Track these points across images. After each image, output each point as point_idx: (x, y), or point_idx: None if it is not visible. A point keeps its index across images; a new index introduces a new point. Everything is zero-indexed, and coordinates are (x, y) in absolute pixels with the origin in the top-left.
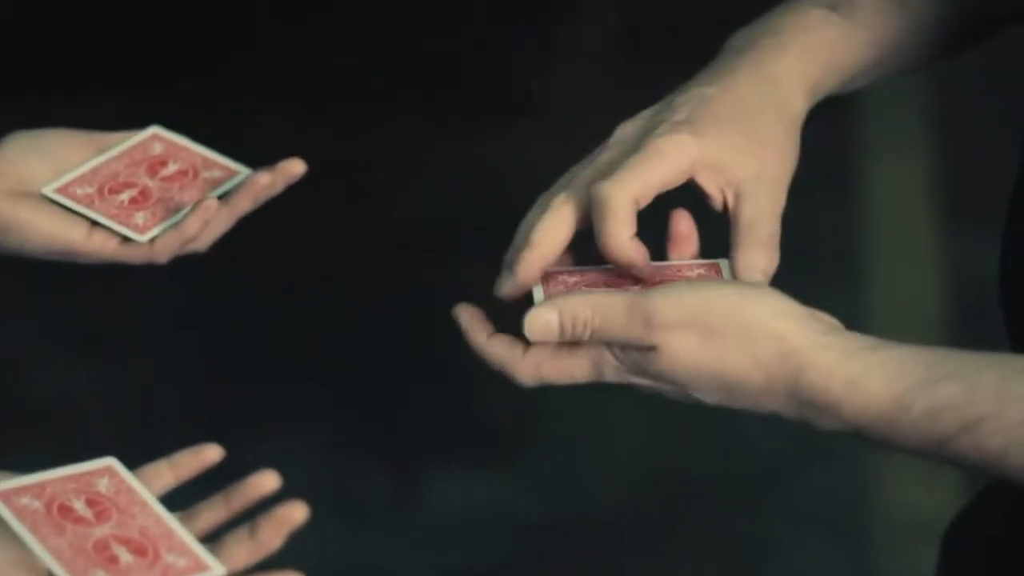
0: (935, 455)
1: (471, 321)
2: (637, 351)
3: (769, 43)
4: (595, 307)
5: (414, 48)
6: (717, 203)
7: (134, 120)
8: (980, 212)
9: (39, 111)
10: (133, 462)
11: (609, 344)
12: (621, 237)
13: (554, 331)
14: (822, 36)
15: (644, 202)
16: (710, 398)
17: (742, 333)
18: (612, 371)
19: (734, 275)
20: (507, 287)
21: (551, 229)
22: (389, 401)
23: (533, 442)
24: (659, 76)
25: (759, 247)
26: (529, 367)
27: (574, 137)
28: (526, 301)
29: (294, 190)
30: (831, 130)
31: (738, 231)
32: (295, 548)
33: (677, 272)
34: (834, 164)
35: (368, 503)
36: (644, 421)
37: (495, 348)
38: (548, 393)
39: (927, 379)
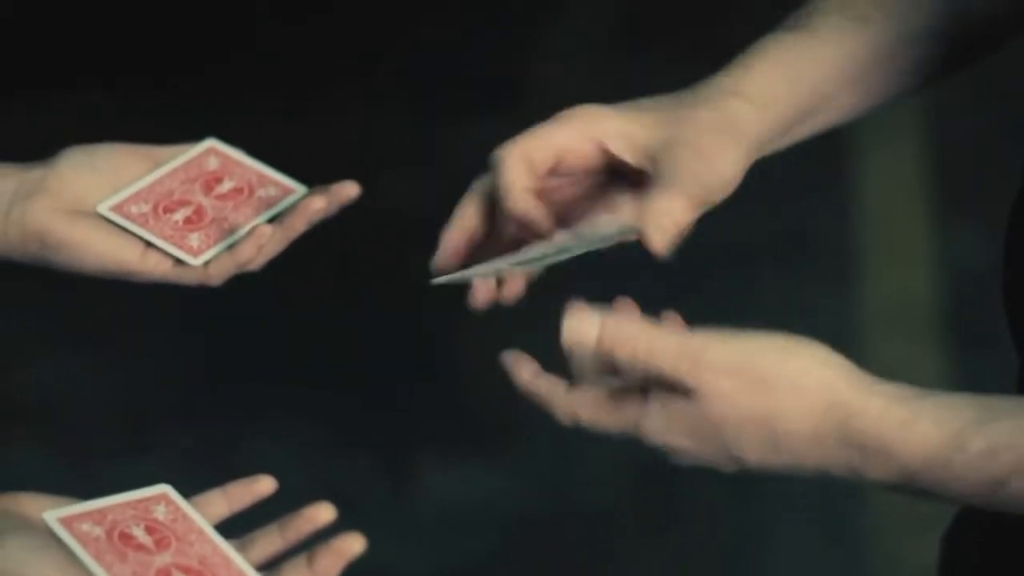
0: (988, 498)
1: (517, 361)
2: (683, 398)
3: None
4: (646, 335)
5: (407, 39)
6: (632, 167)
7: (136, 117)
8: (975, 207)
9: (38, 106)
10: (130, 459)
11: (651, 391)
12: (513, 189)
13: (591, 341)
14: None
15: (543, 163)
16: (754, 452)
17: (791, 382)
18: (653, 426)
19: (644, 220)
20: (437, 259)
21: (467, 207)
22: (381, 395)
23: (526, 435)
24: (651, 66)
25: (676, 196)
26: (567, 408)
27: None
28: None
29: (293, 178)
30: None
31: (654, 182)
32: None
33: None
34: (828, 159)
35: (360, 496)
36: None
37: (537, 386)
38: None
39: (981, 419)
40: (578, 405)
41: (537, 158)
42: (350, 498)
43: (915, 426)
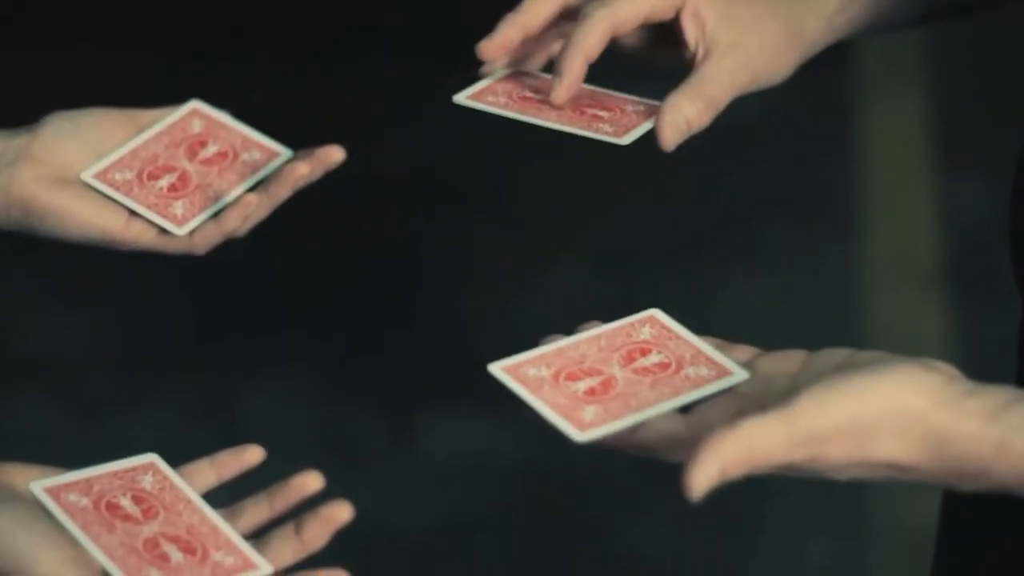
0: None
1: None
2: None
3: None
4: (750, 445)
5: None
6: (688, 51)
7: (124, 74)
8: (977, 159)
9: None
10: (127, 413)
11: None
12: (577, 52)
13: (718, 480)
14: None
15: (624, 33)
16: (845, 476)
17: (890, 424)
18: None
19: (661, 112)
20: (486, 43)
21: (539, 4)
22: (381, 348)
23: None
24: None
25: (697, 97)
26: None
27: None
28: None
29: (283, 142)
30: (829, 79)
31: (688, 79)
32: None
33: (614, 103)
34: (833, 113)
35: (360, 450)
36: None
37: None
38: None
39: None
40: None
41: (622, 30)
42: (350, 451)
43: (1011, 446)
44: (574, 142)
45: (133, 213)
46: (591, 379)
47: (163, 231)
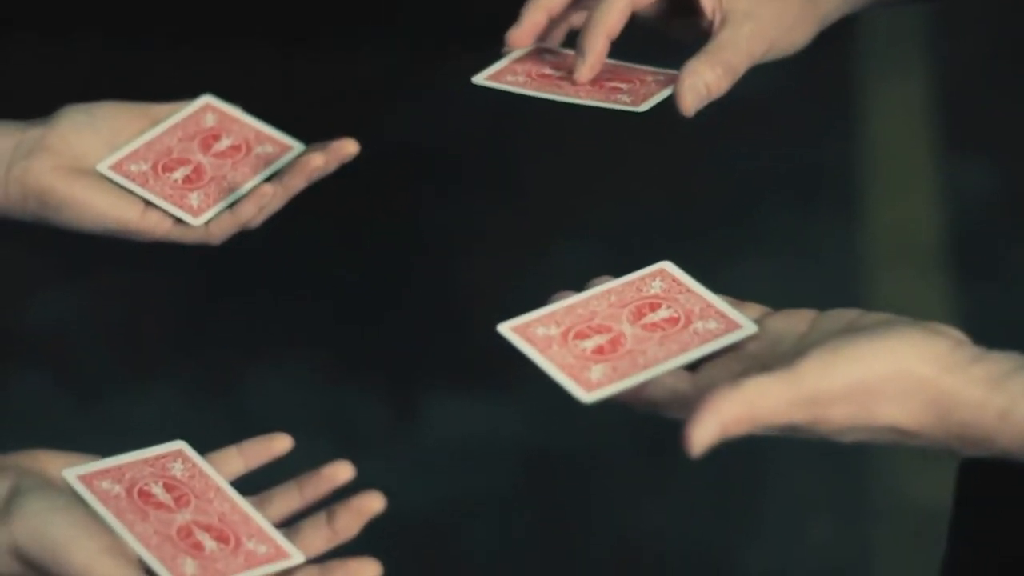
0: None
1: None
2: None
3: None
4: (753, 404)
5: None
6: (704, 20)
7: (130, 63)
8: (980, 139)
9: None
10: (134, 394)
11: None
12: (598, 30)
13: (719, 437)
14: None
15: (644, 2)
16: (847, 440)
17: (894, 388)
18: None
19: (680, 79)
20: (514, 31)
21: None
22: (388, 327)
23: (534, 369)
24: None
25: (715, 63)
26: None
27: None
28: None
29: (281, 119)
30: (832, 59)
31: (705, 46)
32: (295, 475)
33: (633, 74)
34: (835, 93)
35: (365, 430)
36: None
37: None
38: None
39: None
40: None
41: (641, 4)
42: (353, 432)
43: (1015, 414)
44: (581, 121)
45: (149, 204)
46: (600, 336)
47: (179, 221)
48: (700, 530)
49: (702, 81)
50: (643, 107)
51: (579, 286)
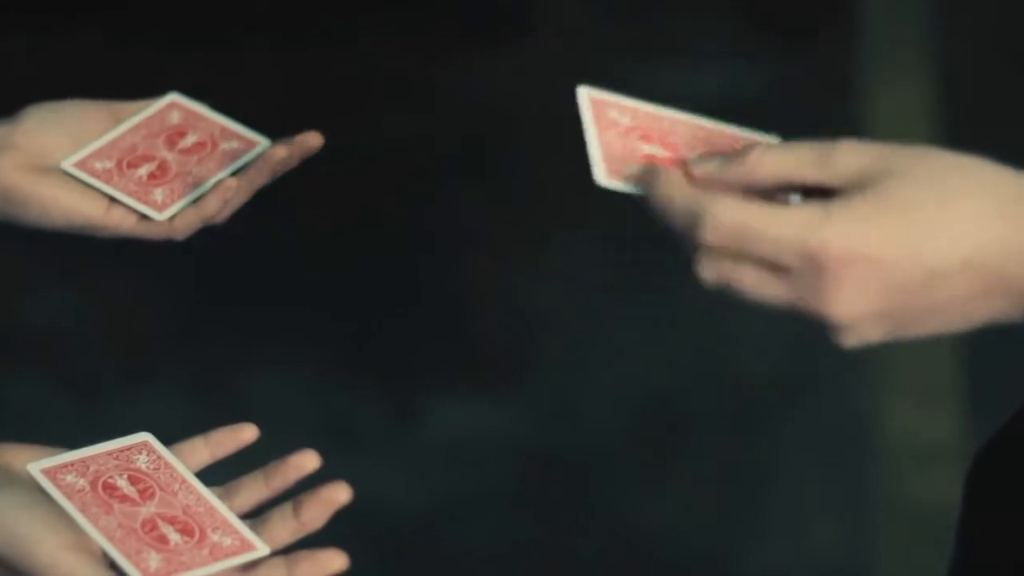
0: None
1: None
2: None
3: None
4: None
5: None
6: None
7: (120, 52)
8: (982, 142)
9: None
10: (128, 391)
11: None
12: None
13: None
14: None
15: None
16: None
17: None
18: (834, 232)
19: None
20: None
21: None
22: (384, 327)
23: (531, 368)
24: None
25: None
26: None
27: (571, 59)
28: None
29: (286, 117)
30: (834, 60)
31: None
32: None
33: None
34: (837, 94)
35: (363, 430)
36: (644, 347)
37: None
38: (547, 318)
39: None
40: (736, 211)
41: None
42: (348, 431)
43: None
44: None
45: (113, 200)
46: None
47: (144, 217)
48: (701, 531)
49: None
50: None
51: (579, 285)
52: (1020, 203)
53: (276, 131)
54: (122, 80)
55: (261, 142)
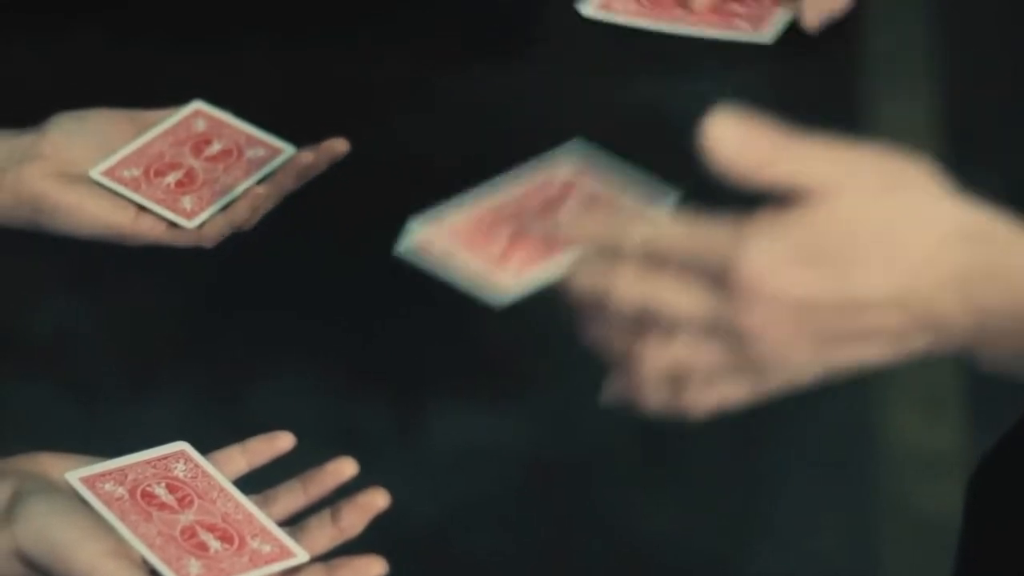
0: None
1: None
2: (797, 209)
3: None
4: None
5: None
6: None
7: (120, 54)
8: (987, 155)
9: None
10: (137, 401)
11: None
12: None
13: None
14: None
15: None
16: (868, 267)
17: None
18: (754, 250)
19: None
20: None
21: None
22: (391, 334)
23: (536, 378)
24: None
25: None
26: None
27: (574, 66)
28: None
29: (287, 119)
30: (835, 73)
31: None
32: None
33: None
34: (839, 107)
35: (370, 439)
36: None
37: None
38: (551, 329)
39: None
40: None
41: None
42: (359, 440)
43: None
44: (585, 126)
45: (142, 208)
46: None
47: (172, 225)
48: (704, 539)
49: (827, 2)
50: (767, 36)
51: None
52: (961, 239)
53: (277, 134)
54: (123, 82)
55: (286, 149)
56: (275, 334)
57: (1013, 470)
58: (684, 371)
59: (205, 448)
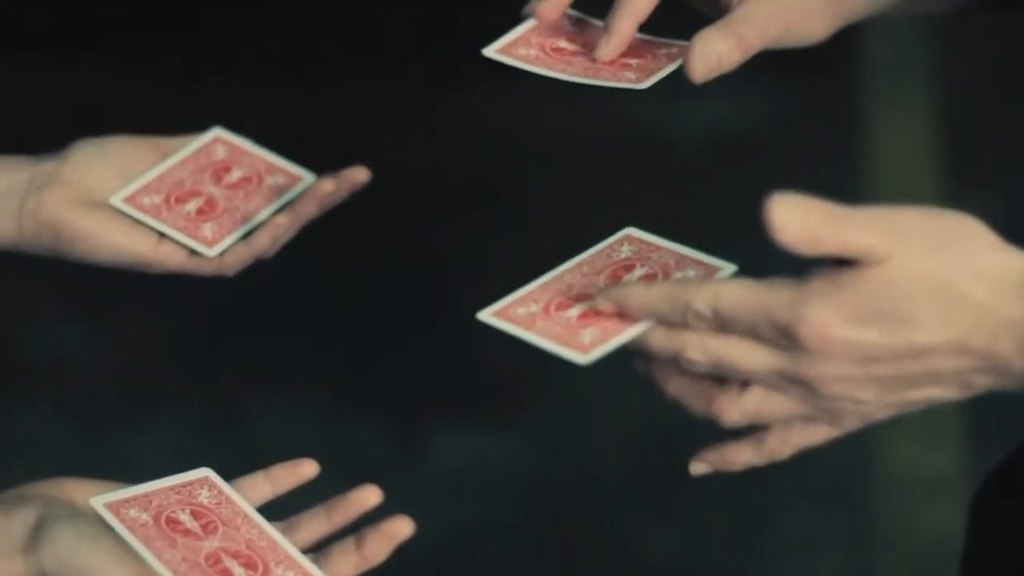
0: None
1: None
2: (849, 272)
3: None
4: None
5: (407, 5)
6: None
7: (139, 82)
8: (984, 169)
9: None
10: (140, 424)
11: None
12: (627, 17)
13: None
14: None
15: None
16: (927, 318)
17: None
18: (814, 314)
19: (691, 46)
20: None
21: None
22: (392, 356)
23: (537, 400)
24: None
25: (729, 35)
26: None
27: (575, 91)
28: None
29: (287, 150)
30: (834, 86)
31: (721, 19)
32: (298, 506)
33: (646, 48)
34: (836, 121)
35: (371, 461)
36: (650, 380)
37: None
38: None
39: None
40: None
41: None
42: (361, 462)
43: None
44: (590, 149)
45: (162, 236)
46: (582, 304)
47: (193, 253)
48: (706, 562)
49: (714, 51)
50: (644, 84)
51: None
52: (1014, 286)
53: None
54: (143, 109)
55: (306, 177)
56: (273, 356)
57: (1014, 493)
58: (764, 420)
59: (215, 471)
